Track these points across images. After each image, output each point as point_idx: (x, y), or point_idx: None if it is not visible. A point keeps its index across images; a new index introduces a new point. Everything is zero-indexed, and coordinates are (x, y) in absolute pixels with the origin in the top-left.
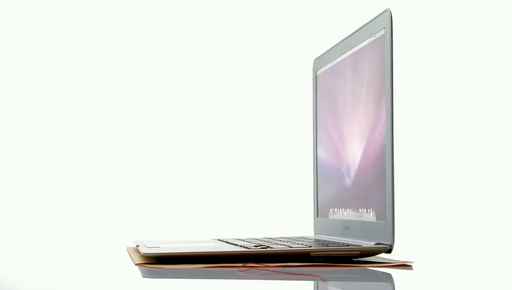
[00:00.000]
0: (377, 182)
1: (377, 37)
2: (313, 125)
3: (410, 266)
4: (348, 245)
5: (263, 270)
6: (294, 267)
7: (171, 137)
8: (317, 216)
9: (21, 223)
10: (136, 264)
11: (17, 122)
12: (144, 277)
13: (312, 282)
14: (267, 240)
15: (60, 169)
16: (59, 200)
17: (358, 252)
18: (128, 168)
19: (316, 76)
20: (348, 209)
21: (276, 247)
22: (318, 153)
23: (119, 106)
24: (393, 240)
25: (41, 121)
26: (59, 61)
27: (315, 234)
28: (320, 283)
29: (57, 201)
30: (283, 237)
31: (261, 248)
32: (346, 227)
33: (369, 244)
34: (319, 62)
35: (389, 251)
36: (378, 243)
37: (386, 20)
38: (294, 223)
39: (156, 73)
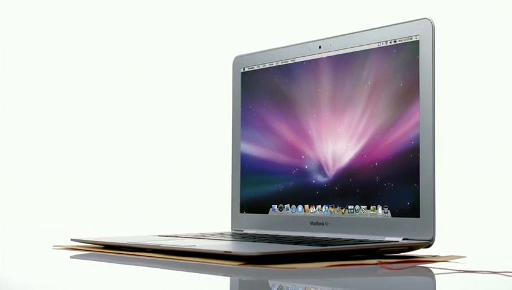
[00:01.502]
0: (393, 180)
1: (399, 42)
2: (233, 121)
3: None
4: (395, 241)
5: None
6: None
7: (84, 133)
8: (242, 212)
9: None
10: (241, 265)
11: None
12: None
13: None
14: (241, 235)
15: None
16: None
17: (407, 247)
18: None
19: (242, 73)
20: (319, 206)
21: (346, 245)
22: (242, 149)
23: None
24: (434, 235)
25: None
26: None
27: (234, 229)
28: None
29: None
30: (219, 233)
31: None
32: (318, 223)
33: (397, 239)
34: (245, 60)
35: (428, 246)
36: (406, 239)
37: (422, 27)
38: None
39: (71, 67)
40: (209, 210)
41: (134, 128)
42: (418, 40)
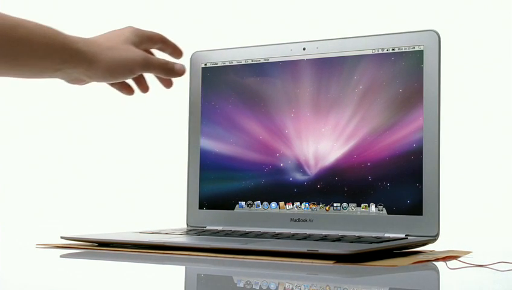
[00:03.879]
0: (389, 180)
1: (398, 50)
2: (190, 116)
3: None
4: (404, 238)
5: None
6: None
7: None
8: (201, 208)
9: None
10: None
11: None
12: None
13: None
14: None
15: None
16: None
17: (421, 244)
18: None
19: (203, 68)
20: (298, 203)
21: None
22: (203, 145)
23: None
24: (439, 231)
25: None
26: None
27: (190, 225)
28: None
29: None
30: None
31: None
32: (300, 220)
33: (399, 235)
34: (206, 55)
35: (433, 241)
36: (408, 235)
37: (427, 38)
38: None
39: None
40: (154, 207)
41: (82, 123)
42: (423, 50)
